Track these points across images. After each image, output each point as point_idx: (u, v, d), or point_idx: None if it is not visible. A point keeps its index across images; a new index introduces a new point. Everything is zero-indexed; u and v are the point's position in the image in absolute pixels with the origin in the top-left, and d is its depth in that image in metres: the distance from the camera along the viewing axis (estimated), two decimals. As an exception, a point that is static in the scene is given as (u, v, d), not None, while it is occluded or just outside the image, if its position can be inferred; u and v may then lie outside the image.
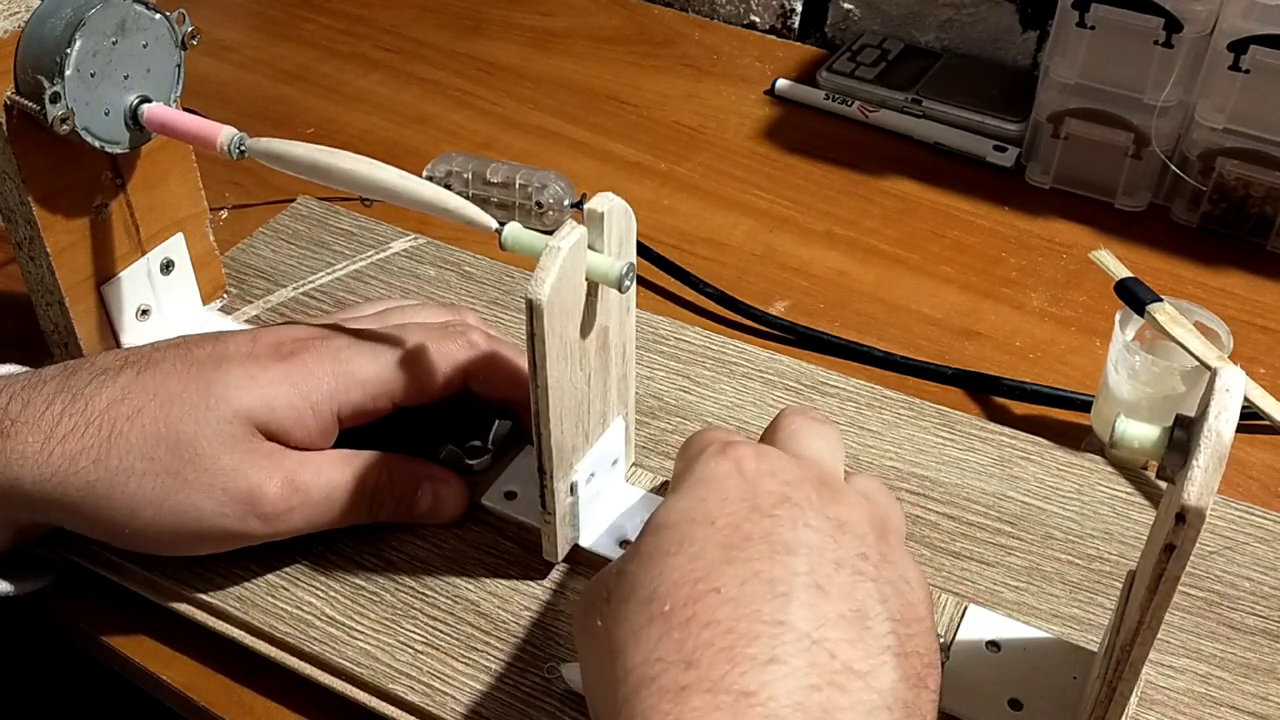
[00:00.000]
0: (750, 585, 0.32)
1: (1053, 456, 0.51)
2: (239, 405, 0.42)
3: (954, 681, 0.42)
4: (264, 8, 0.91)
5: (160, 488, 0.41)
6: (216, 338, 0.44)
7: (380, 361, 0.45)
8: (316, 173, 0.44)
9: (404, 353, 0.45)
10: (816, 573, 0.33)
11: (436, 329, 0.47)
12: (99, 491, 0.41)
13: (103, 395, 0.42)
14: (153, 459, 0.41)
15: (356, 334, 0.46)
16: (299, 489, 0.43)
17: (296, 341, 0.44)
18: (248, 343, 0.44)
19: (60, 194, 0.48)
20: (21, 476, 0.41)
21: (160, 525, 0.42)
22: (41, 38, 0.44)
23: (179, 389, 0.42)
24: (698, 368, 0.55)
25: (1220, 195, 0.66)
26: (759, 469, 0.36)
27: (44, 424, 0.41)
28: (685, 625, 0.31)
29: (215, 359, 0.43)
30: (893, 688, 0.31)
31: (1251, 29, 0.61)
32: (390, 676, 0.43)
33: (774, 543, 0.33)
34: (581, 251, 0.39)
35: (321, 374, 0.43)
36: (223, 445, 0.41)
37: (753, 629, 0.31)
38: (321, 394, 0.43)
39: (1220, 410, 0.31)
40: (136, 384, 0.42)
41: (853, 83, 0.78)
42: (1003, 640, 0.43)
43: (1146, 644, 0.33)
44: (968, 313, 0.63)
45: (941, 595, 0.45)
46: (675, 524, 0.35)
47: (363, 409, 0.45)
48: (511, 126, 0.77)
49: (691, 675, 0.30)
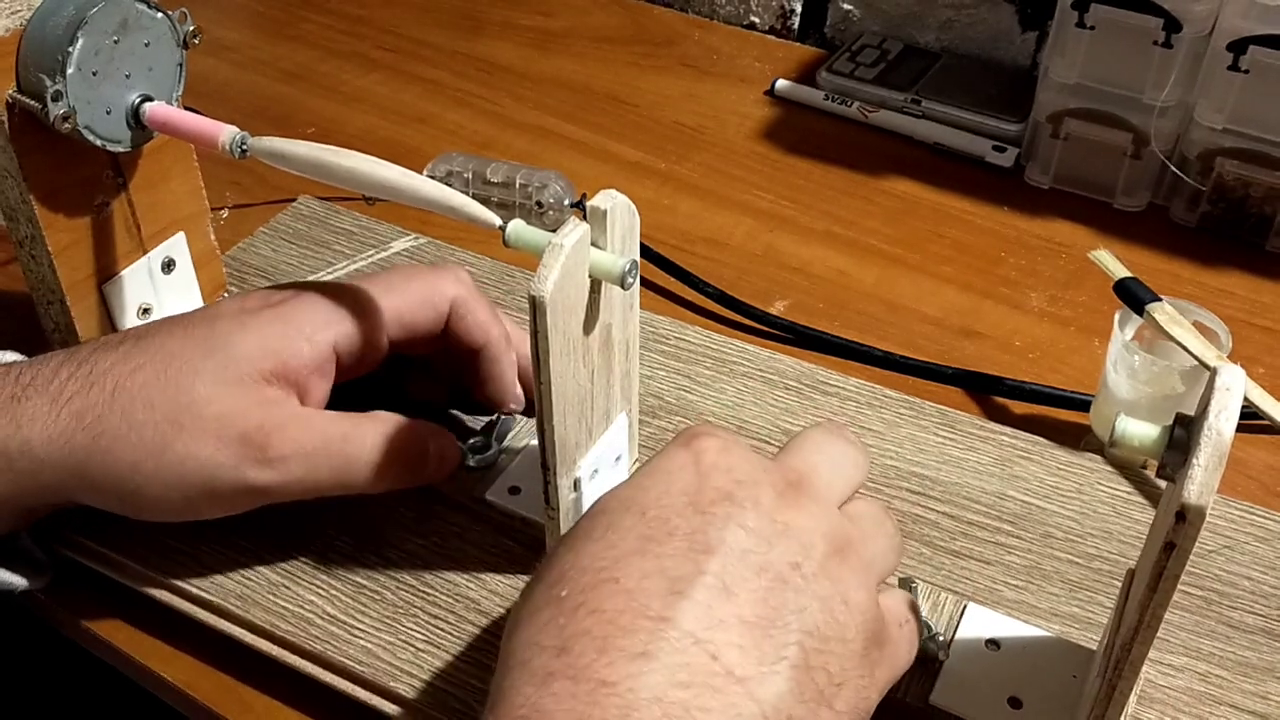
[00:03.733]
0: (650, 580, 0.32)
1: (1052, 456, 0.51)
2: (235, 350, 0.43)
3: (953, 680, 0.42)
4: (264, 7, 0.91)
5: (160, 437, 0.42)
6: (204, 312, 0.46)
7: (373, 294, 0.46)
8: (319, 171, 0.44)
9: (395, 285, 0.47)
10: (729, 574, 0.32)
11: (424, 267, 0.49)
12: (103, 446, 0.42)
13: (106, 359, 0.43)
14: (153, 407, 0.42)
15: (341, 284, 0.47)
16: (296, 434, 0.43)
17: (286, 293, 0.46)
18: (238, 300, 0.46)
19: (61, 192, 0.48)
20: (32, 438, 0.42)
21: (162, 479, 0.42)
22: (43, 36, 0.45)
23: (178, 346, 0.43)
24: (698, 367, 0.56)
25: (1219, 195, 0.66)
26: (715, 463, 0.35)
27: (51, 388, 0.42)
28: (573, 612, 0.31)
29: (209, 318, 0.45)
30: (777, 699, 0.31)
31: (1251, 29, 0.62)
32: (391, 675, 0.43)
33: (695, 540, 0.33)
34: (585, 248, 0.39)
35: (314, 310, 0.45)
36: (220, 387, 0.42)
37: (634, 623, 0.31)
38: (315, 325, 0.44)
39: (1220, 409, 0.31)
40: (137, 347, 0.43)
41: (852, 83, 0.78)
42: (1002, 639, 0.43)
43: (1146, 642, 0.33)
44: (967, 312, 0.63)
45: (941, 594, 0.45)
46: (611, 509, 0.35)
47: (356, 345, 0.45)
48: (511, 126, 0.77)
49: (560, 662, 0.30)
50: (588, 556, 0.33)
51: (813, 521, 0.35)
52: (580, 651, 0.30)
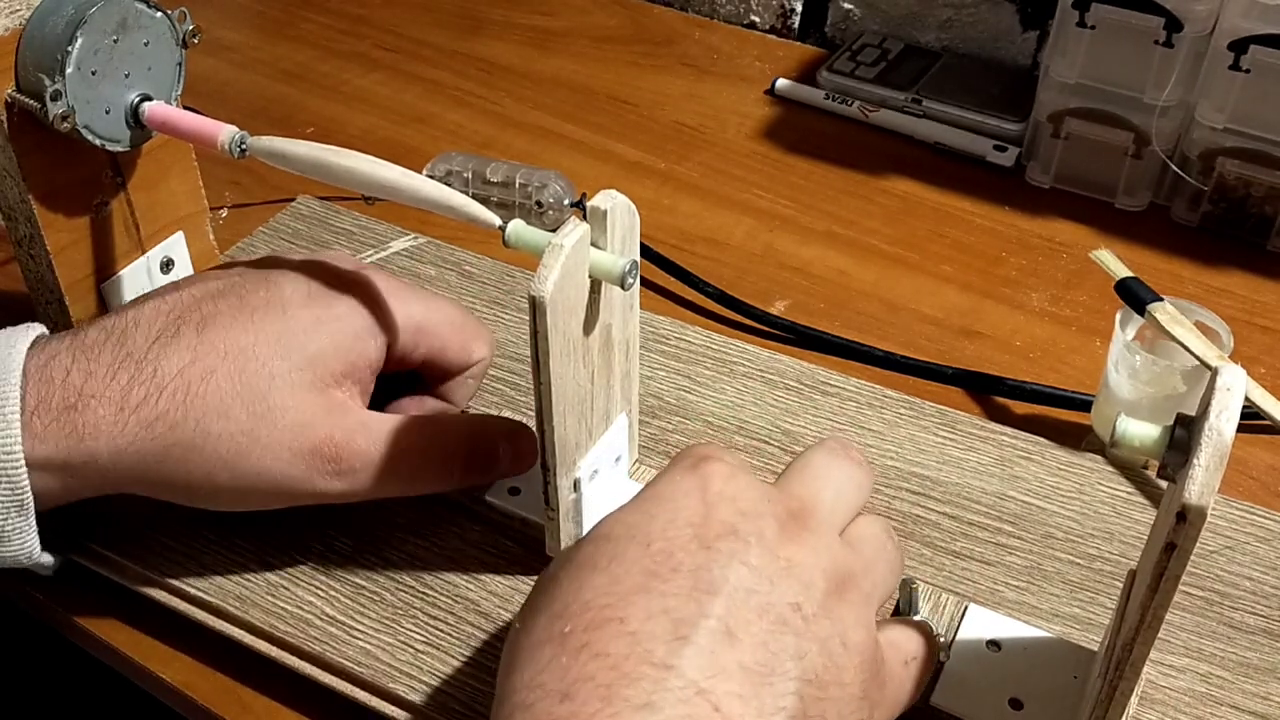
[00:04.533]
0: (654, 621, 0.31)
1: (1053, 456, 0.51)
2: (310, 350, 0.42)
3: (954, 681, 0.42)
4: (264, 7, 0.91)
5: (235, 449, 0.41)
6: (265, 279, 0.44)
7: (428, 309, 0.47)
8: (319, 171, 0.44)
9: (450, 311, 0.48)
10: (732, 617, 0.32)
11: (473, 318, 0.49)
12: (175, 457, 0.41)
13: (170, 360, 0.41)
14: (228, 418, 0.41)
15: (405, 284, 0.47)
16: (365, 446, 0.43)
17: (350, 274, 0.45)
18: (304, 282, 0.44)
19: (60, 192, 0.48)
20: (97, 450, 0.40)
21: (235, 487, 0.42)
22: (43, 35, 0.44)
23: (249, 342, 0.42)
24: (698, 367, 0.55)
25: (1220, 195, 0.66)
26: (722, 492, 0.35)
27: (113, 394, 0.40)
28: (576, 653, 0.31)
29: (276, 305, 0.43)
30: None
31: (1252, 29, 0.61)
32: (390, 676, 0.43)
33: (699, 579, 0.33)
34: (585, 249, 0.39)
35: (378, 310, 0.45)
36: (295, 394, 0.42)
37: (638, 670, 0.30)
38: (383, 323, 0.44)
39: (1221, 409, 0.31)
40: (203, 344, 0.41)
41: (853, 82, 0.78)
42: (1003, 639, 0.43)
43: (1147, 643, 0.33)
44: (968, 312, 0.63)
45: (942, 595, 0.45)
46: (615, 537, 0.34)
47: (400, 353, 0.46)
48: (511, 126, 0.77)
49: (565, 709, 0.30)
50: (591, 590, 0.33)
51: (814, 557, 0.35)
52: (584, 700, 0.30)
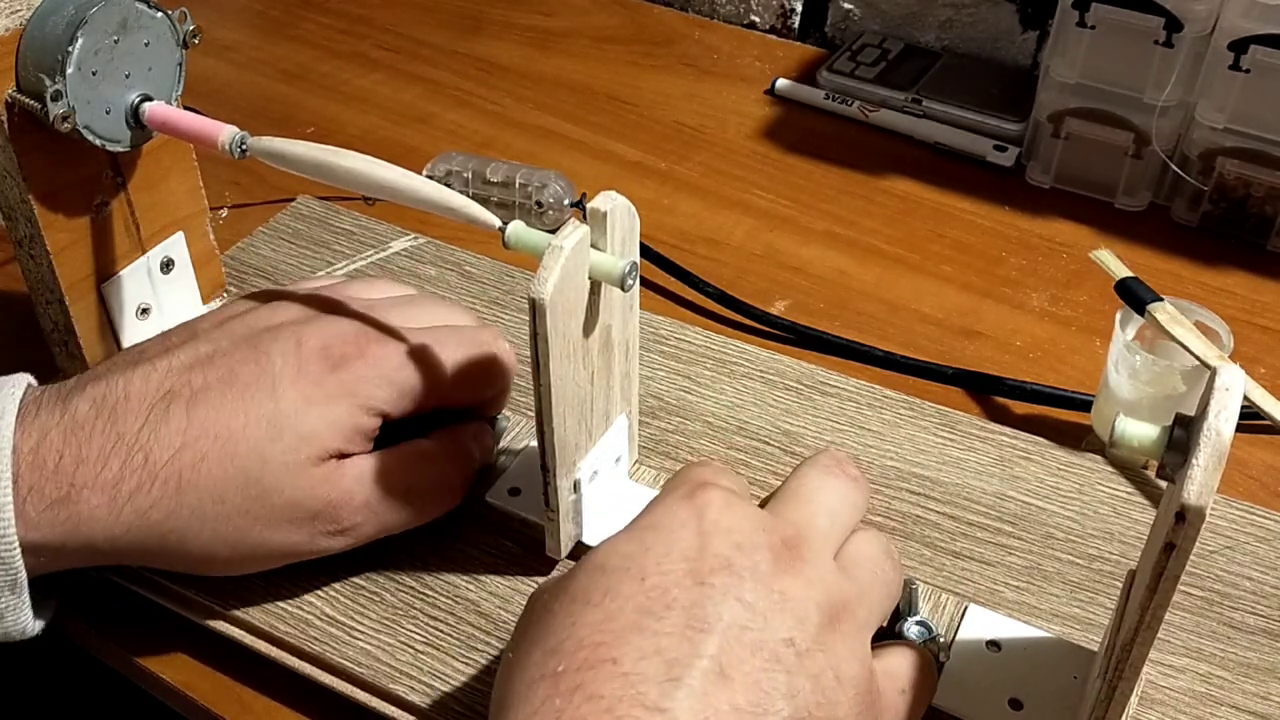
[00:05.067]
0: (648, 662, 0.32)
1: (1053, 456, 0.51)
2: (300, 432, 0.41)
3: (954, 681, 0.42)
4: (264, 7, 0.91)
5: (233, 529, 0.41)
6: (254, 348, 0.43)
7: (426, 372, 0.45)
8: (319, 171, 0.44)
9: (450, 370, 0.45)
10: (725, 655, 0.32)
11: (469, 335, 0.47)
12: (172, 541, 0.41)
13: (162, 444, 0.40)
14: (223, 502, 0.41)
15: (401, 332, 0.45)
16: (364, 499, 0.43)
17: (343, 345, 0.43)
18: (294, 354, 0.43)
19: (61, 192, 0.48)
20: (94, 538, 0.40)
21: (237, 562, 0.43)
22: (43, 35, 0.44)
23: (239, 424, 0.41)
24: (698, 367, 0.55)
25: (1220, 195, 0.66)
26: (718, 523, 0.35)
27: (105, 483, 0.40)
28: (570, 694, 0.31)
29: (266, 382, 0.42)
30: None
31: (1252, 29, 0.61)
32: (391, 676, 0.43)
33: (693, 616, 0.33)
34: (584, 250, 0.39)
35: (376, 382, 0.43)
36: (289, 474, 0.41)
37: (631, 713, 0.30)
38: (376, 401, 0.43)
39: (1220, 409, 0.31)
40: (192, 425, 0.41)
41: (853, 82, 0.78)
42: (1003, 640, 0.43)
43: (1147, 643, 0.33)
44: (968, 312, 0.63)
45: (942, 595, 0.45)
46: (610, 569, 0.34)
47: (407, 412, 0.45)
48: (511, 126, 0.77)
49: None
50: (585, 626, 0.33)
51: (808, 589, 0.35)
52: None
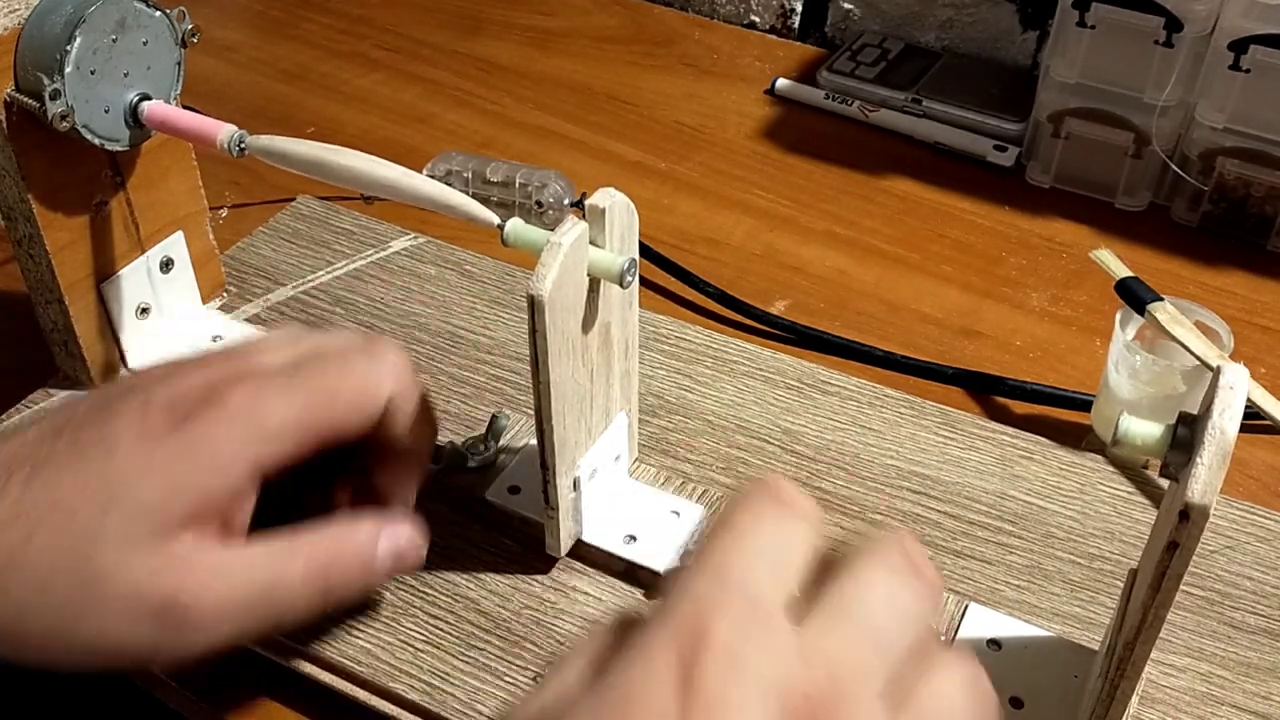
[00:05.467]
0: None
1: (1054, 456, 0.51)
2: (139, 499, 0.36)
3: None
4: (264, 7, 0.90)
5: (62, 619, 0.35)
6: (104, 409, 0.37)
7: (296, 399, 0.38)
8: (318, 170, 0.44)
9: (324, 383, 0.38)
10: None
11: (359, 348, 0.40)
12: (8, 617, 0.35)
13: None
14: (50, 592, 0.35)
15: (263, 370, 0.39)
16: (216, 596, 0.36)
17: (193, 397, 0.37)
18: (138, 412, 0.37)
19: (60, 192, 0.48)
20: None
21: (78, 655, 0.36)
22: (42, 35, 0.44)
23: (72, 494, 0.36)
24: (698, 366, 0.55)
25: (1220, 195, 0.66)
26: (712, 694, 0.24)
27: None
28: None
29: (106, 445, 0.36)
30: None
31: (1252, 28, 0.61)
32: (390, 675, 0.43)
33: None
34: (583, 247, 0.39)
35: (228, 435, 0.37)
36: (125, 552, 0.35)
37: None
38: (229, 458, 0.37)
39: (1224, 407, 0.31)
40: (28, 496, 0.36)
41: (853, 82, 0.78)
42: (1004, 639, 0.43)
43: (1149, 642, 0.33)
44: (968, 312, 0.63)
45: (942, 594, 0.45)
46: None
47: (282, 459, 0.38)
48: (511, 126, 0.77)
49: None
50: None
51: None
52: None
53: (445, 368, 0.55)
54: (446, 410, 0.53)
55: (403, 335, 0.57)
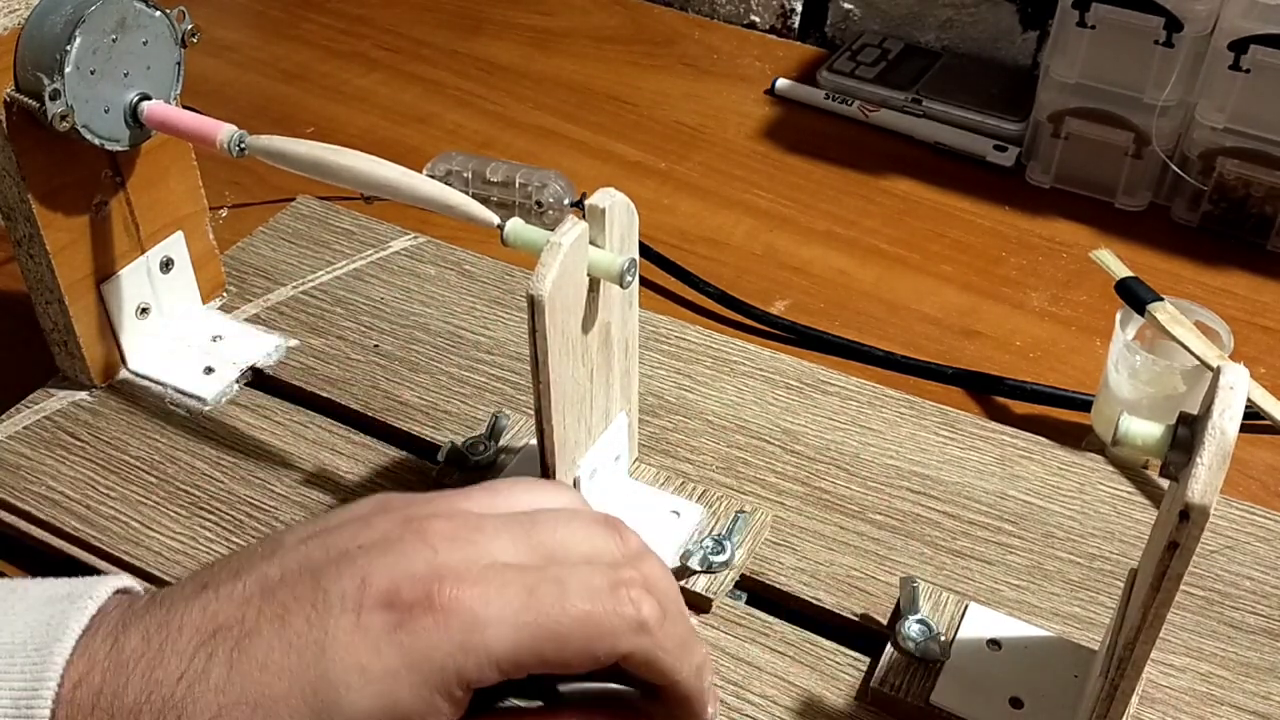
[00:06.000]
0: None
1: (1053, 455, 0.51)
2: (354, 714, 0.33)
3: (955, 680, 0.42)
4: (264, 7, 0.90)
5: None
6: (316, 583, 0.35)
7: (523, 634, 0.34)
8: (317, 170, 0.44)
9: (556, 627, 0.34)
10: None
11: (603, 591, 0.35)
12: None
13: (196, 707, 0.33)
14: None
15: (497, 579, 0.35)
16: None
17: (415, 591, 0.34)
18: (354, 600, 0.34)
19: (60, 192, 0.48)
20: None
21: None
22: (42, 35, 0.44)
23: (282, 692, 0.33)
24: (698, 366, 0.55)
25: (1220, 195, 0.66)
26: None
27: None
28: None
29: (318, 640, 0.33)
30: None
31: (1252, 29, 0.61)
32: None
33: None
34: (583, 247, 0.39)
35: (448, 650, 0.34)
36: None
37: None
38: (449, 674, 0.34)
39: (1224, 407, 0.31)
40: (231, 684, 0.33)
41: (853, 82, 0.78)
42: (1004, 639, 0.43)
43: (1149, 642, 0.33)
44: (968, 312, 0.63)
45: (943, 594, 0.45)
46: None
47: (494, 682, 0.35)
48: (511, 126, 0.77)
49: None
50: None
51: None
52: None
53: (445, 368, 0.55)
54: (446, 410, 0.53)
55: (403, 335, 0.57)
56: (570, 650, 0.34)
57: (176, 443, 0.51)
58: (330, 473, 0.50)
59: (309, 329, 0.57)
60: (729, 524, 0.47)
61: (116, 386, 0.54)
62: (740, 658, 0.43)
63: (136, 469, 0.50)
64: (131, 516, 0.48)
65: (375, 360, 0.55)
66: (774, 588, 0.46)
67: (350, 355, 0.56)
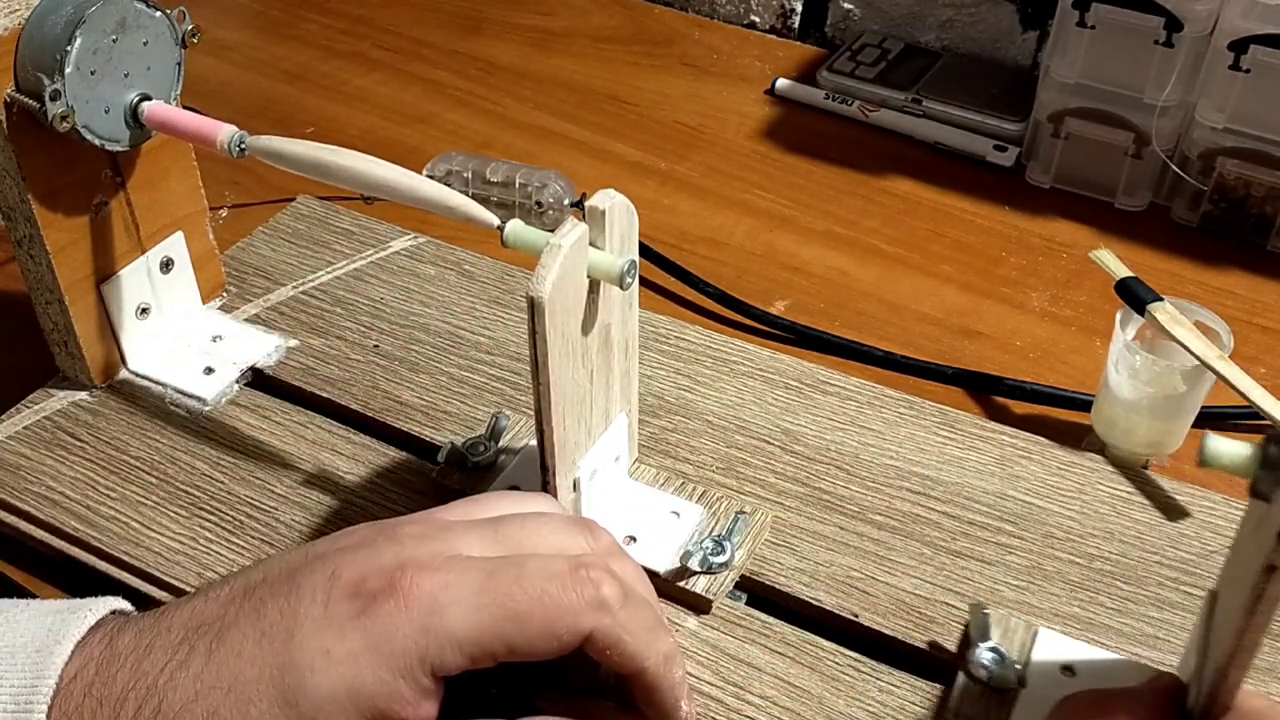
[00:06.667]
0: None
1: (1053, 456, 0.51)
2: (317, 696, 0.34)
3: (1033, 708, 0.40)
4: (264, 7, 0.90)
5: None
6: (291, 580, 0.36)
7: (483, 615, 0.35)
8: (317, 170, 0.44)
9: (515, 605, 0.35)
10: None
11: (562, 572, 0.36)
12: None
13: (175, 692, 0.34)
14: None
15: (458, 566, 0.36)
16: None
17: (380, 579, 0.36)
18: (323, 591, 0.36)
19: (60, 192, 0.48)
20: None
21: None
22: (42, 35, 0.44)
23: (253, 677, 0.34)
24: (698, 366, 0.55)
25: (1220, 195, 0.66)
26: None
27: None
28: None
29: (287, 625, 0.35)
30: None
31: (1251, 29, 0.61)
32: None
33: None
34: (583, 248, 0.39)
35: (409, 632, 0.35)
36: None
37: None
38: (411, 658, 0.35)
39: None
40: (209, 671, 0.35)
41: (853, 82, 0.78)
42: (1077, 663, 0.42)
43: (1243, 667, 0.32)
44: (968, 312, 0.63)
45: (1010, 620, 0.44)
46: None
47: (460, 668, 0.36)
48: (511, 126, 0.77)
49: None
50: None
51: None
52: None
53: (445, 368, 0.55)
54: (446, 410, 0.53)
55: (403, 335, 0.57)
56: (532, 630, 0.35)
57: (176, 443, 0.51)
58: (330, 473, 0.50)
59: (309, 329, 0.57)
60: (729, 525, 0.47)
61: (116, 387, 0.54)
62: (740, 658, 0.43)
63: (136, 469, 0.50)
64: (131, 517, 0.48)
65: (375, 360, 0.55)
66: (774, 588, 0.46)
67: (350, 355, 0.56)
